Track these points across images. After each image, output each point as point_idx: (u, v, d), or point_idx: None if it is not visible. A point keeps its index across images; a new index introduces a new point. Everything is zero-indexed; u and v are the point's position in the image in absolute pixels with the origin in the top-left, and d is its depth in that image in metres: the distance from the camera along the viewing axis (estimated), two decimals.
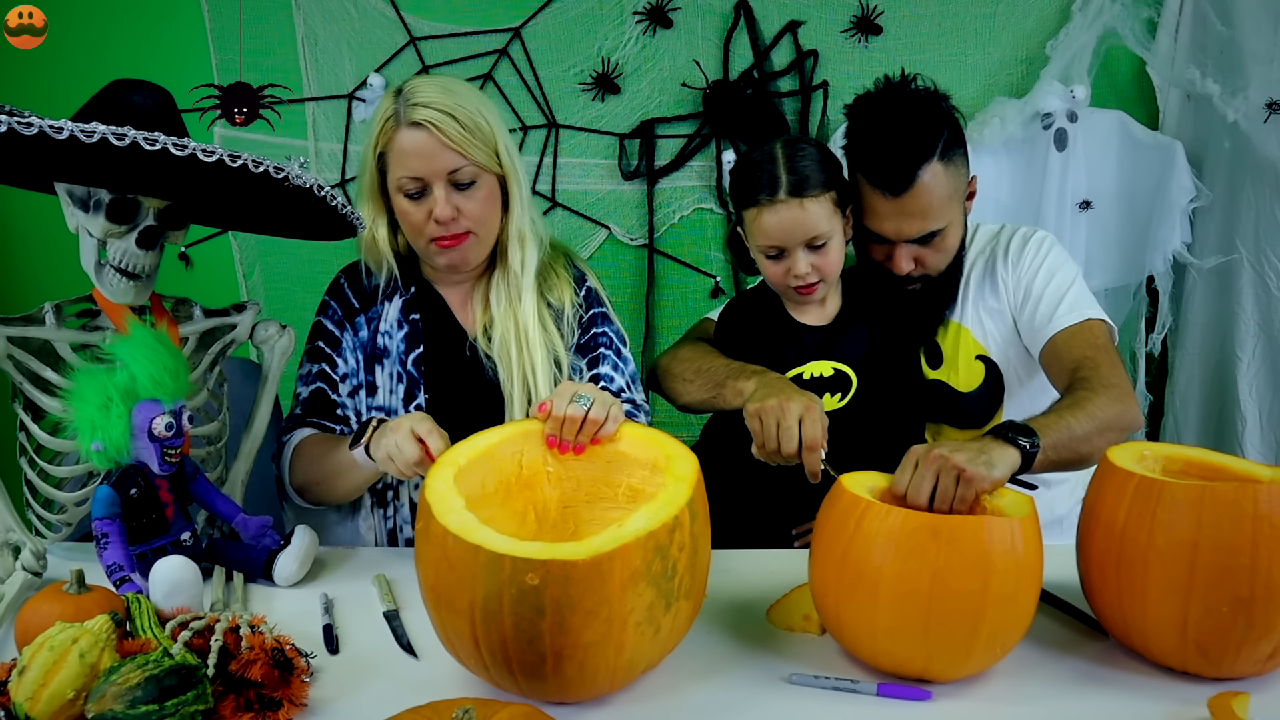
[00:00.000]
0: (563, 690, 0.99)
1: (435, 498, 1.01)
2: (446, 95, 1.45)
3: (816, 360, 1.54)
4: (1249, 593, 1.00)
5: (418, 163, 1.44)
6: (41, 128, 1.08)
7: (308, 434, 1.53)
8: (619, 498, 1.16)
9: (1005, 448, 1.22)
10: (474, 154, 1.45)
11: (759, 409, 1.33)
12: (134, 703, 0.88)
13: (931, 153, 1.47)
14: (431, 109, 1.43)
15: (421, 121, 1.43)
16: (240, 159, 1.18)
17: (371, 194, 1.52)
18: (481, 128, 1.45)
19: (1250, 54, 2.16)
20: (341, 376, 1.56)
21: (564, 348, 1.56)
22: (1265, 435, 2.29)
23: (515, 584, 0.93)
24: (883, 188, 1.48)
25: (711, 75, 2.37)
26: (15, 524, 1.31)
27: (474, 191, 1.47)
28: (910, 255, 1.55)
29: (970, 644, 1.03)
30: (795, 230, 1.46)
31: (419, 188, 1.46)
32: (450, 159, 1.44)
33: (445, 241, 1.48)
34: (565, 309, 1.58)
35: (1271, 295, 2.22)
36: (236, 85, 2.40)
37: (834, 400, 1.53)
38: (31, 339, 1.32)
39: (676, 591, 1.00)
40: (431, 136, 1.43)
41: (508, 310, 1.54)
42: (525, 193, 1.54)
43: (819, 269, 1.49)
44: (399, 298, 1.58)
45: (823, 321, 1.57)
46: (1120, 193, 2.32)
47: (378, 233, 1.55)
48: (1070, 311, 1.54)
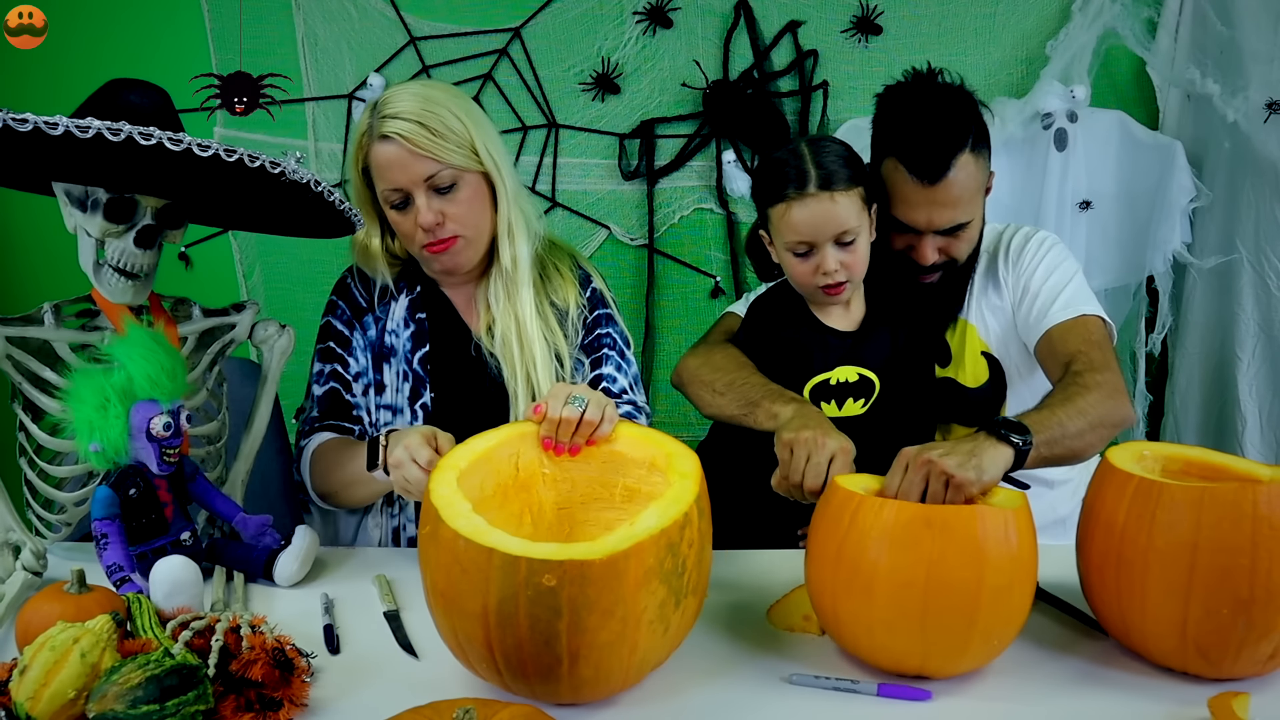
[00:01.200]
0: (576, 691, 0.99)
1: (442, 502, 1.01)
2: (416, 102, 1.44)
3: (844, 366, 1.53)
4: (1249, 593, 1.00)
5: (394, 174, 1.45)
6: (36, 123, 1.08)
7: (324, 439, 1.54)
8: (615, 498, 1.16)
9: (998, 446, 1.21)
10: (448, 157, 1.44)
11: (793, 439, 1.30)
12: (135, 703, 0.88)
13: (965, 143, 1.48)
14: (400, 119, 1.43)
15: (390, 134, 1.43)
16: (236, 153, 1.18)
17: (363, 206, 1.54)
18: (454, 129, 1.45)
19: (1250, 54, 2.16)
20: (354, 375, 1.57)
21: (566, 345, 1.57)
22: (1265, 435, 2.29)
23: (531, 585, 0.92)
24: (919, 175, 1.47)
25: (711, 75, 2.37)
26: (15, 524, 1.31)
27: (455, 194, 1.47)
28: (936, 245, 1.54)
29: (967, 637, 1.03)
30: (826, 224, 1.44)
31: (402, 198, 1.47)
32: (424, 166, 1.44)
33: (435, 247, 1.49)
34: (570, 309, 1.58)
35: (1271, 295, 2.22)
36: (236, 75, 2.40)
37: (857, 405, 1.52)
38: (30, 339, 1.32)
39: (686, 588, 1.00)
40: (401, 148, 1.43)
41: (506, 307, 1.54)
42: (512, 186, 1.53)
43: (847, 267, 1.47)
44: (405, 297, 1.58)
45: (849, 326, 1.56)
46: (1120, 193, 2.32)
47: (371, 243, 1.56)
48: (1066, 307, 1.54)
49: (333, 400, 1.56)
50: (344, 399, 1.56)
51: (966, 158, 1.48)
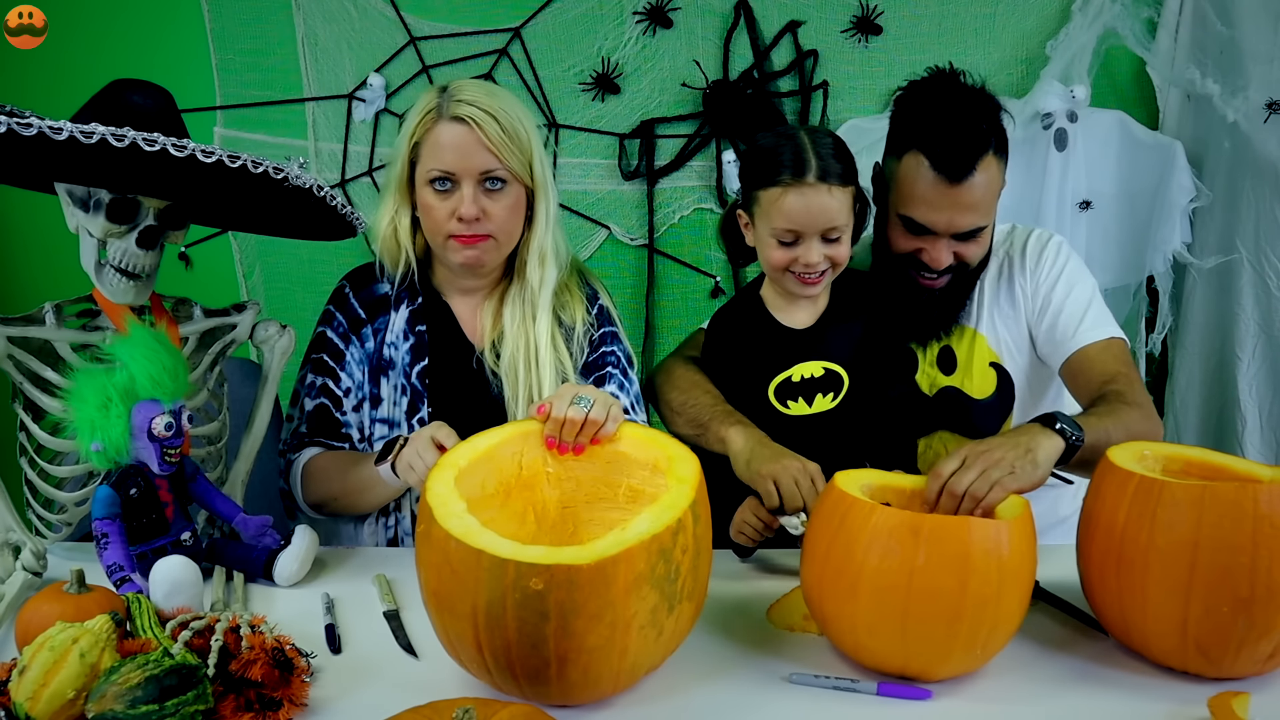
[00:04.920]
0: (566, 694, 0.99)
1: (437, 501, 1.01)
2: (491, 97, 1.45)
3: (805, 361, 1.51)
4: (1249, 592, 1.00)
5: (453, 157, 1.43)
6: (41, 128, 1.08)
7: (317, 452, 1.53)
8: (619, 498, 1.16)
9: (1051, 436, 1.23)
10: (509, 159, 1.44)
11: (775, 470, 1.31)
12: (134, 702, 0.88)
13: (990, 144, 1.46)
14: (475, 107, 1.42)
15: (464, 117, 1.42)
16: (240, 159, 1.18)
17: (399, 185, 1.49)
18: (520, 136, 1.45)
19: (1250, 54, 2.16)
20: (345, 391, 1.54)
21: (572, 367, 1.55)
22: (1265, 435, 2.29)
23: (519, 588, 0.92)
24: (945, 173, 1.45)
25: (711, 75, 2.37)
26: (15, 524, 1.31)
27: (501, 196, 1.45)
28: (950, 249, 1.51)
29: (948, 644, 1.03)
30: (819, 216, 1.41)
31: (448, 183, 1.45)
32: (485, 159, 1.43)
33: (465, 239, 1.46)
34: (577, 327, 1.56)
35: (1271, 295, 2.22)
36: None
37: (826, 400, 1.51)
38: (32, 339, 1.32)
39: (679, 594, 1.00)
40: (471, 133, 1.42)
41: (520, 328, 1.52)
42: (553, 211, 1.52)
43: (831, 259, 1.45)
44: (406, 307, 1.56)
45: (807, 322, 1.53)
46: (1120, 193, 2.32)
47: (400, 223, 1.51)
48: (1094, 327, 1.53)
49: (321, 417, 1.54)
50: (333, 416, 1.53)
51: (991, 160, 1.47)
